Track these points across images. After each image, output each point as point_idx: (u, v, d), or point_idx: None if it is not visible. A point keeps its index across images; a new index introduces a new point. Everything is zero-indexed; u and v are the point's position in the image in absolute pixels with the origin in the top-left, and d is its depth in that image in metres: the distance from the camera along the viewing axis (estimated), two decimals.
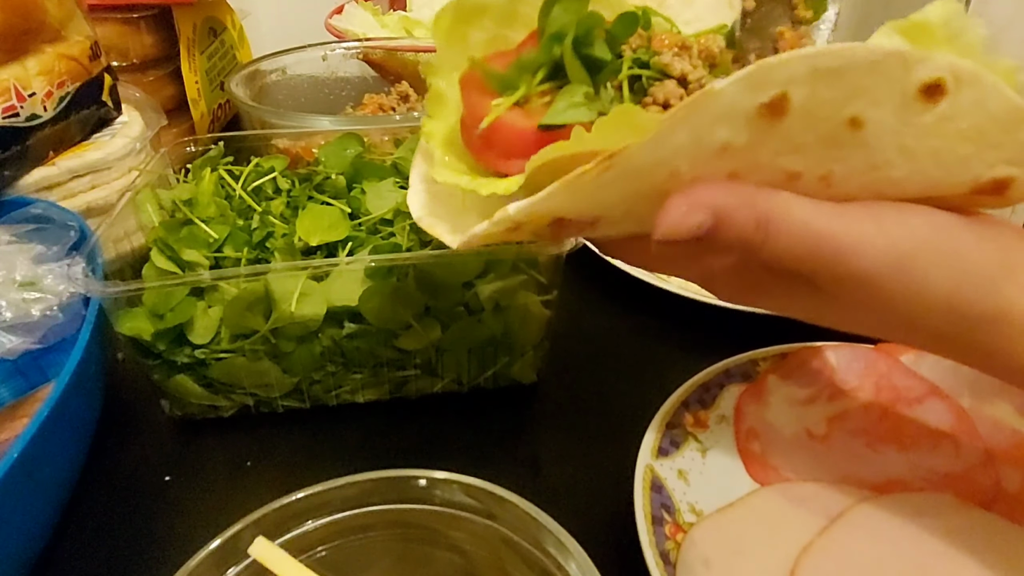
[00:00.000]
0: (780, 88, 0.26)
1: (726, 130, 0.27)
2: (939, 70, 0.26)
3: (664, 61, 0.32)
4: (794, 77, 0.25)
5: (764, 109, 0.26)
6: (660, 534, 0.41)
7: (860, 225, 0.28)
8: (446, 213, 0.37)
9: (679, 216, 0.28)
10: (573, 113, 0.31)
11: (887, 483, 0.45)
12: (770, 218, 0.28)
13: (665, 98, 0.31)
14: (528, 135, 0.32)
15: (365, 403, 0.57)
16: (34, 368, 0.52)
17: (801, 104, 0.26)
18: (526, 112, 0.33)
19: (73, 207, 0.63)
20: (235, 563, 0.35)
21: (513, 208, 0.30)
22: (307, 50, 0.96)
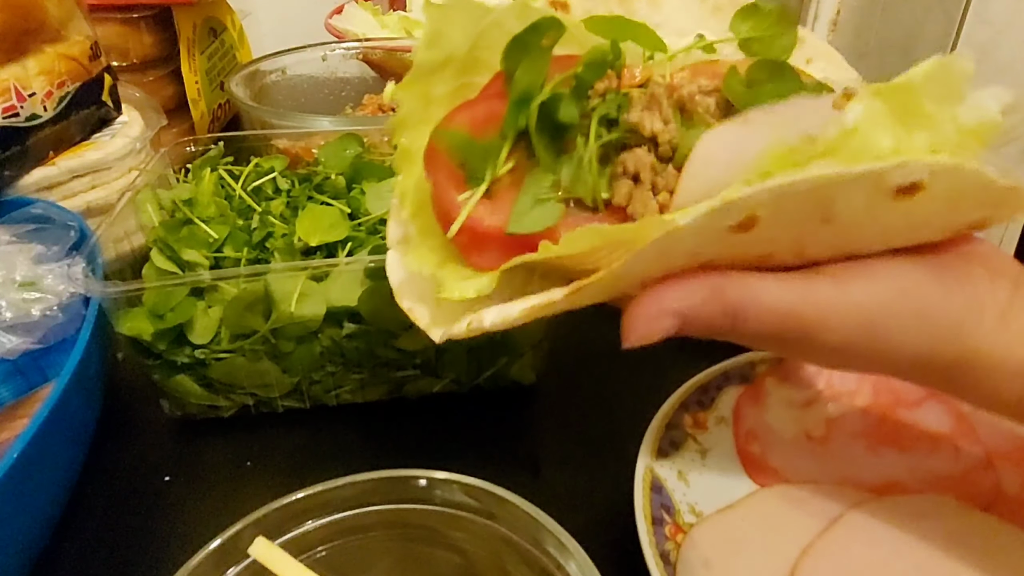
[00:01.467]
0: (747, 212, 0.26)
1: (693, 243, 0.27)
2: (918, 174, 0.26)
3: (633, 120, 0.31)
4: (760, 204, 0.25)
5: (732, 227, 0.26)
6: (660, 535, 0.41)
7: (827, 298, 0.28)
8: (425, 288, 0.36)
9: (648, 323, 0.28)
10: (538, 216, 0.31)
11: (886, 485, 0.45)
12: (737, 307, 0.28)
13: (635, 169, 0.30)
14: (496, 234, 0.32)
15: (365, 403, 0.57)
16: (34, 368, 0.52)
17: (770, 217, 0.26)
18: (493, 202, 0.33)
19: (73, 207, 0.63)
20: (235, 563, 0.35)
21: (488, 322, 0.31)
22: (307, 50, 0.96)
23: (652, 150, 0.30)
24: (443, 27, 0.34)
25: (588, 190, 0.31)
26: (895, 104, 0.27)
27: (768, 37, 0.35)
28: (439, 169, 0.34)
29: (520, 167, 0.33)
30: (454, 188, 0.33)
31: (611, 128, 0.32)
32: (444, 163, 0.33)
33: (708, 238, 0.26)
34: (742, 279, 0.29)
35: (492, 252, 0.32)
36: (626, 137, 0.31)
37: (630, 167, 0.30)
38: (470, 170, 0.33)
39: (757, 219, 0.26)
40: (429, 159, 0.34)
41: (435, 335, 0.33)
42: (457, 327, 0.32)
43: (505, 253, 0.31)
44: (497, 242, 0.32)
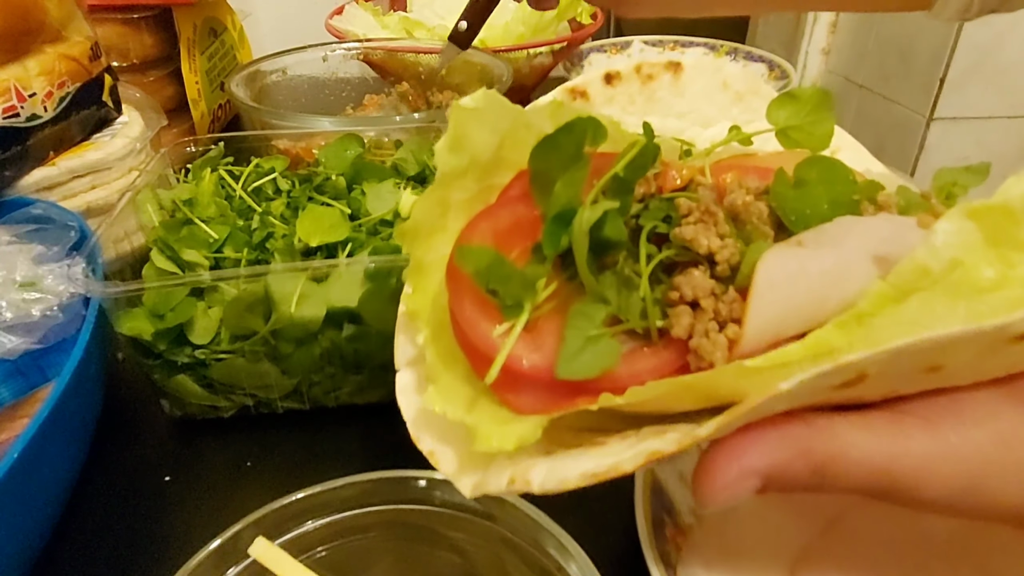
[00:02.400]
0: (856, 372, 0.23)
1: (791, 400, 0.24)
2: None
3: (688, 236, 0.27)
4: (876, 363, 0.23)
5: (836, 386, 0.24)
6: (660, 536, 0.41)
7: (923, 451, 0.26)
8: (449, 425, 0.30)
9: (730, 487, 0.26)
10: (592, 358, 0.27)
11: None
12: (825, 464, 0.26)
13: (694, 295, 0.27)
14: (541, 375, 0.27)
15: (365, 404, 0.57)
16: (34, 368, 0.52)
17: (878, 373, 0.24)
18: (533, 335, 0.28)
19: (73, 207, 0.63)
20: (235, 563, 0.35)
21: (537, 485, 0.26)
22: (307, 51, 0.96)
23: (708, 270, 0.27)
24: (468, 130, 0.30)
25: (639, 318, 0.27)
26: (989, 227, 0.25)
27: (807, 125, 0.33)
28: (464, 294, 0.29)
29: (560, 290, 0.29)
30: (484, 317, 0.29)
31: (660, 245, 0.28)
32: (469, 287, 0.29)
33: (807, 396, 0.24)
34: (830, 431, 0.26)
35: (535, 394, 0.28)
36: (679, 254, 0.28)
37: (687, 293, 0.27)
38: (501, 296, 0.29)
39: (866, 376, 0.24)
40: (452, 282, 0.30)
41: (466, 489, 0.28)
42: (495, 482, 0.27)
43: (550, 394, 0.27)
44: (541, 384, 0.28)
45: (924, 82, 1.37)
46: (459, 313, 0.29)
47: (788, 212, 0.28)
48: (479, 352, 0.28)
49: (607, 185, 0.29)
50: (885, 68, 1.46)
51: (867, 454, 0.26)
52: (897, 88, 1.45)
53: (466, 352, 0.30)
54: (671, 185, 0.31)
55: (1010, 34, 1.27)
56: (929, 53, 1.36)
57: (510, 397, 0.28)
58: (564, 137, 0.30)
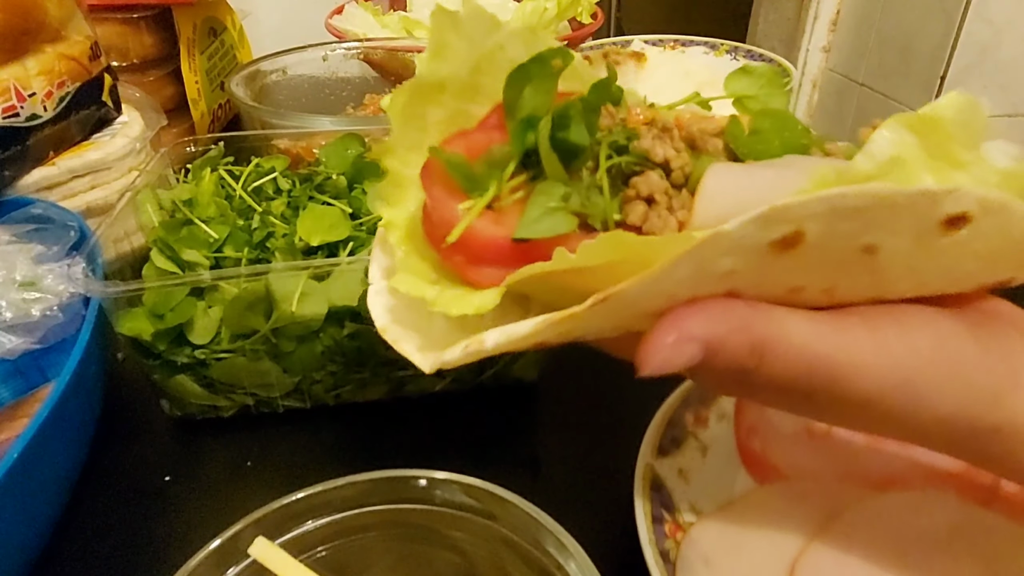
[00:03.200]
0: (795, 226, 0.24)
1: (731, 261, 0.25)
2: (967, 204, 0.25)
3: (644, 146, 0.30)
4: (811, 215, 0.24)
5: (775, 244, 0.25)
6: (660, 533, 0.41)
7: (860, 344, 0.27)
8: (414, 318, 0.33)
9: (667, 351, 0.26)
10: (550, 223, 0.29)
11: (887, 481, 0.45)
12: (766, 342, 0.26)
13: (649, 192, 0.29)
14: (501, 244, 0.29)
15: (365, 403, 0.57)
16: (34, 368, 0.52)
17: (815, 237, 0.25)
18: (497, 214, 0.30)
19: (73, 207, 0.63)
20: (235, 563, 0.35)
21: (491, 343, 0.28)
22: (307, 50, 0.96)
23: (664, 177, 0.29)
24: (449, 38, 0.33)
25: (599, 212, 0.29)
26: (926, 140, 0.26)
27: (762, 96, 0.35)
28: (436, 182, 0.32)
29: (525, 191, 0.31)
30: (451, 197, 0.31)
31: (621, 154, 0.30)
32: (442, 177, 0.31)
33: (746, 254, 0.25)
34: (771, 312, 0.27)
35: (494, 267, 0.30)
36: (637, 163, 0.30)
37: (643, 190, 0.29)
38: (470, 187, 0.31)
39: (803, 236, 0.24)
40: (426, 173, 0.32)
41: (425, 364, 0.30)
42: (451, 352, 0.29)
43: (509, 268, 0.29)
44: (500, 254, 0.29)
45: (924, 80, 1.37)
46: (430, 196, 0.32)
47: (741, 148, 0.30)
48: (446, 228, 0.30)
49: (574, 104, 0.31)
50: (885, 66, 1.46)
51: (806, 341, 0.26)
52: (897, 86, 1.45)
53: (432, 235, 0.32)
54: (634, 122, 0.32)
55: (1009, 32, 1.27)
56: (929, 51, 1.35)
57: (471, 272, 0.30)
58: (534, 66, 0.32)
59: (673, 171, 0.29)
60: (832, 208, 0.24)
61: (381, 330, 0.33)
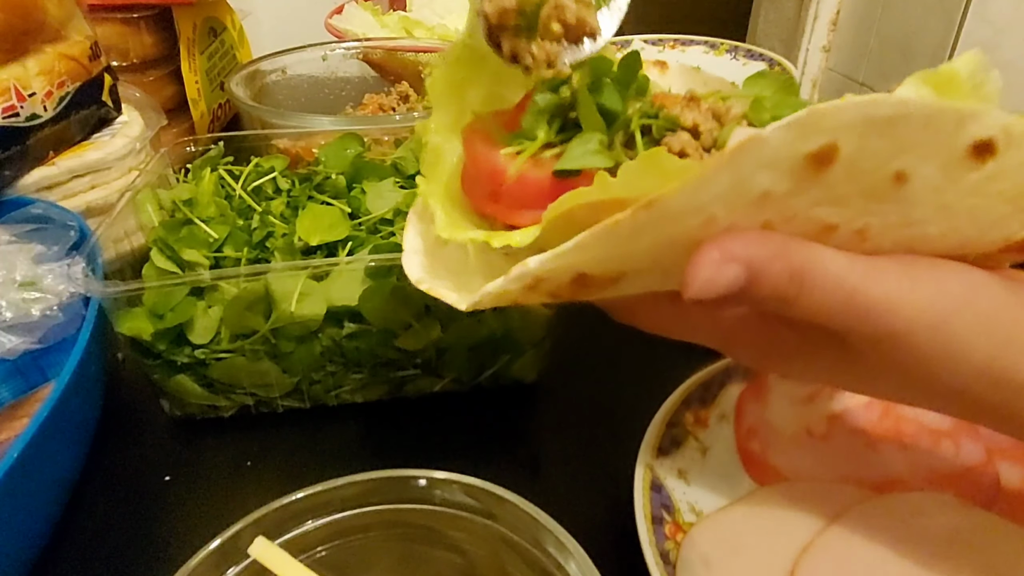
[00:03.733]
0: (830, 137, 0.24)
1: (768, 177, 0.25)
2: (992, 129, 0.25)
3: (674, 113, 0.31)
4: (846, 125, 0.24)
5: (811, 158, 0.25)
6: (660, 533, 0.41)
7: (897, 282, 0.27)
8: (449, 274, 0.35)
9: (712, 271, 0.26)
10: (592, 158, 0.30)
11: (887, 482, 0.45)
12: (805, 271, 0.26)
13: (681, 148, 0.30)
14: (542, 184, 0.30)
15: (365, 403, 0.57)
16: (34, 368, 0.52)
17: (849, 154, 0.25)
18: (536, 163, 0.32)
19: (73, 207, 0.63)
20: (235, 563, 0.35)
21: (535, 262, 0.27)
22: (307, 50, 0.96)
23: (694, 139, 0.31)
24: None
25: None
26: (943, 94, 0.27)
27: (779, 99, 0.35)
28: (479, 140, 0.33)
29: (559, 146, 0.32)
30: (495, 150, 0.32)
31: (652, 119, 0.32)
32: (484, 136, 0.33)
33: (783, 168, 0.25)
34: (810, 245, 0.27)
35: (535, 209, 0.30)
36: (667, 127, 0.31)
37: (675, 147, 0.30)
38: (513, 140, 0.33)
39: (836, 152, 0.25)
40: (468, 133, 0.34)
41: (462, 302, 0.31)
42: (494, 284, 0.29)
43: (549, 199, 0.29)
44: (542, 194, 0.30)
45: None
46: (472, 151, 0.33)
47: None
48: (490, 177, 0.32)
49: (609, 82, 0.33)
50: (885, 66, 1.46)
51: (845, 272, 0.27)
52: None
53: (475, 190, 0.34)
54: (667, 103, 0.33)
55: (1009, 33, 1.27)
56: (929, 51, 1.35)
57: (513, 214, 0.31)
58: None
59: (702, 134, 0.30)
60: (866, 117, 0.24)
61: (417, 282, 0.34)
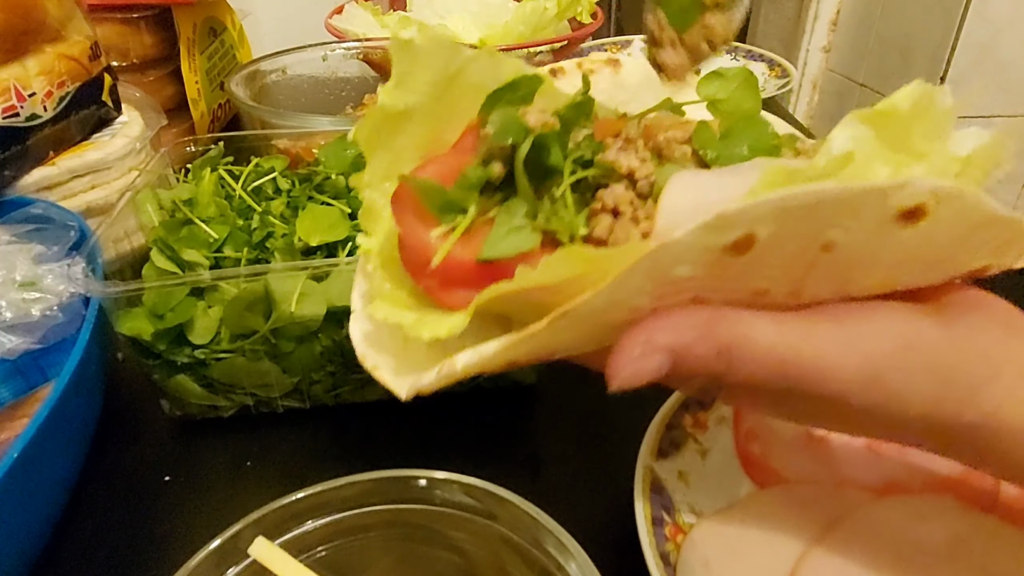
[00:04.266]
0: (745, 229, 0.24)
1: (686, 268, 0.25)
2: (919, 196, 0.24)
3: (609, 159, 0.30)
4: (758, 219, 0.24)
5: (728, 248, 0.24)
6: (660, 535, 0.41)
7: (830, 343, 0.26)
8: (393, 344, 0.33)
9: (634, 362, 0.26)
10: (514, 241, 0.29)
11: (887, 486, 0.45)
12: (732, 346, 0.26)
13: (615, 204, 0.29)
14: (468, 266, 0.29)
15: (365, 403, 0.57)
16: (34, 368, 0.52)
17: (768, 239, 0.24)
18: (465, 236, 0.30)
19: (73, 207, 0.63)
20: (235, 563, 0.35)
21: (461, 364, 0.28)
22: (307, 50, 0.96)
23: (630, 188, 0.29)
24: (411, 67, 0.32)
25: (565, 227, 0.29)
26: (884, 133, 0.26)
27: (734, 98, 0.35)
28: (408, 210, 0.31)
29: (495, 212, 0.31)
30: (424, 225, 0.31)
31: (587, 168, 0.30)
32: (414, 204, 0.31)
33: (700, 261, 0.25)
34: (736, 315, 0.27)
35: (464, 289, 0.30)
36: (603, 176, 0.30)
37: (609, 202, 0.29)
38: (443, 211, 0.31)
39: (755, 239, 0.24)
40: (397, 201, 0.32)
41: (401, 391, 0.31)
42: (426, 377, 0.29)
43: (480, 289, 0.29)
44: (470, 276, 0.29)
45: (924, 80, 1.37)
46: (403, 225, 0.32)
47: (709, 154, 0.30)
48: (421, 255, 0.30)
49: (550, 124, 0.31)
50: (885, 66, 1.46)
51: (773, 342, 0.26)
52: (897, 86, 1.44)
53: (408, 262, 0.32)
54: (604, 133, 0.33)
55: (1009, 32, 1.27)
56: (929, 51, 1.35)
57: (443, 295, 0.30)
58: (510, 93, 0.32)
59: (638, 181, 0.29)
60: (780, 209, 0.23)
61: (360, 357, 0.33)
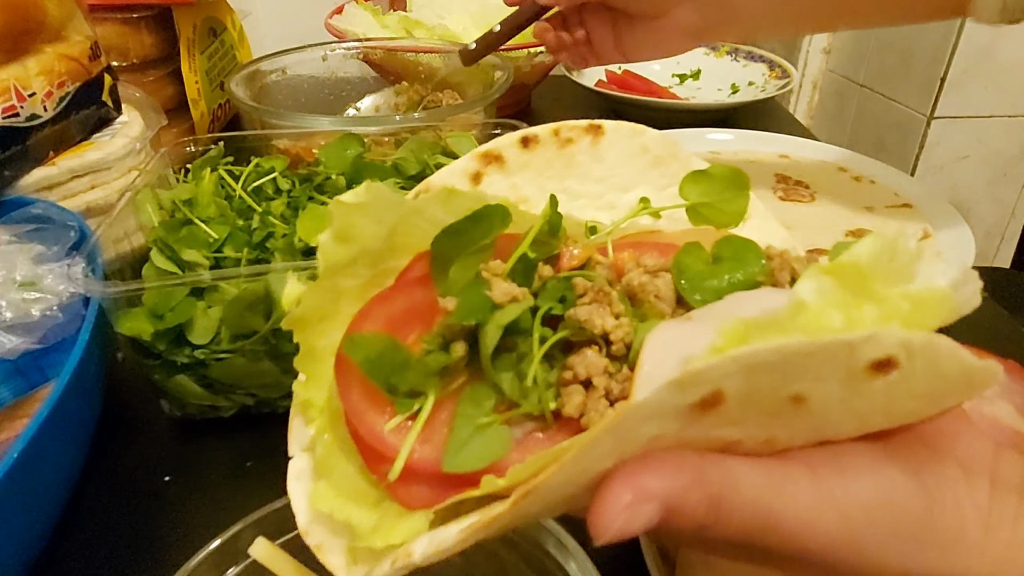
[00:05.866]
0: (712, 386, 0.23)
1: (655, 426, 0.23)
2: (889, 348, 0.23)
3: (581, 317, 0.27)
4: (725, 376, 0.22)
5: (696, 405, 0.23)
6: None
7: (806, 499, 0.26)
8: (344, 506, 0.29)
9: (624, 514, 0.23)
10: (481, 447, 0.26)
11: None
12: (722, 497, 0.25)
13: (587, 374, 0.26)
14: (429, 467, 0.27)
15: None
16: (34, 368, 0.52)
17: (736, 394, 0.23)
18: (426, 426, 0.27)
19: (73, 207, 0.63)
20: (235, 563, 0.35)
21: (419, 554, 0.26)
22: (307, 50, 0.96)
23: (603, 348, 0.27)
24: (354, 221, 0.29)
25: (534, 403, 0.27)
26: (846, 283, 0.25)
27: (719, 202, 0.33)
28: (353, 386, 0.28)
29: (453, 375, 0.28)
30: (374, 411, 0.28)
31: (556, 325, 0.28)
32: (359, 378, 0.28)
33: (669, 420, 0.23)
34: (724, 464, 0.25)
35: (425, 487, 0.27)
36: (575, 334, 0.27)
37: (581, 372, 0.26)
38: (393, 386, 0.28)
39: (723, 396, 0.23)
40: (340, 373, 0.29)
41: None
42: (380, 569, 0.26)
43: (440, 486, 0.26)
44: (429, 476, 0.27)
45: (924, 81, 1.37)
46: (348, 405, 0.28)
47: (688, 287, 0.29)
48: (369, 446, 0.28)
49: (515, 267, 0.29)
50: (885, 67, 1.46)
51: (756, 492, 0.25)
52: (897, 87, 1.45)
53: (357, 444, 0.29)
54: (569, 264, 0.30)
55: (1009, 34, 1.27)
56: (929, 53, 1.35)
57: (400, 492, 0.27)
58: (471, 226, 0.29)
59: (614, 344, 0.27)
60: (745, 366, 0.22)
61: (302, 532, 0.29)
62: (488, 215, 0.29)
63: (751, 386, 0.23)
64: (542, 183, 0.35)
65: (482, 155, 0.34)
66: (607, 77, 1.18)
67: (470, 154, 0.34)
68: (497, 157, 0.34)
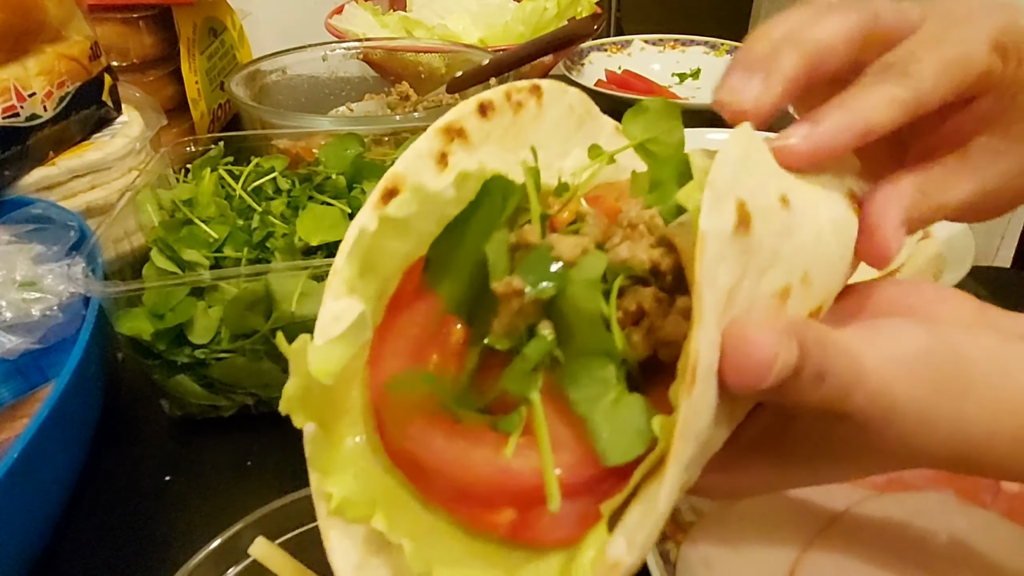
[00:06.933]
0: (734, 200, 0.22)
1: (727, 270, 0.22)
2: None
3: (622, 256, 0.25)
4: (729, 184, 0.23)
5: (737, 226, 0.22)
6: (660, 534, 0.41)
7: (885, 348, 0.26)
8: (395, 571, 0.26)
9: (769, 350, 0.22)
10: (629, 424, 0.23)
11: (888, 482, 0.45)
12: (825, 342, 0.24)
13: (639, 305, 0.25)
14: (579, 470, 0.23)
15: None
16: (34, 368, 0.52)
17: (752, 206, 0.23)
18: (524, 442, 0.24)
19: (73, 207, 0.63)
20: (235, 563, 0.35)
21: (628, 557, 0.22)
22: (307, 50, 0.96)
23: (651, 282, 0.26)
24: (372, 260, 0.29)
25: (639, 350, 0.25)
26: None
27: (661, 135, 0.33)
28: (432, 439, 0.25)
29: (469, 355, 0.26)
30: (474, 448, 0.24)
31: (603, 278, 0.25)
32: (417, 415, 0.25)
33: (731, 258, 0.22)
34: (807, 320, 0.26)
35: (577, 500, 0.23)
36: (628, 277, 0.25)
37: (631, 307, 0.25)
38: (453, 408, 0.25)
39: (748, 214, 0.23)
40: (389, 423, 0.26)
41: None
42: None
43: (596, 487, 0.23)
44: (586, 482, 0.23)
45: None
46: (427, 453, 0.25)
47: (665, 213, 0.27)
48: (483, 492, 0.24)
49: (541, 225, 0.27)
50: None
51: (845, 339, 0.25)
52: None
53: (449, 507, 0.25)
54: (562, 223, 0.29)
55: None
56: None
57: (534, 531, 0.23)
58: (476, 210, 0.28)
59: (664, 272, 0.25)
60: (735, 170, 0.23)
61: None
62: (490, 190, 0.28)
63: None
64: (503, 155, 0.33)
65: (443, 130, 0.32)
66: (607, 77, 1.18)
67: (431, 131, 0.32)
68: (459, 131, 0.32)
